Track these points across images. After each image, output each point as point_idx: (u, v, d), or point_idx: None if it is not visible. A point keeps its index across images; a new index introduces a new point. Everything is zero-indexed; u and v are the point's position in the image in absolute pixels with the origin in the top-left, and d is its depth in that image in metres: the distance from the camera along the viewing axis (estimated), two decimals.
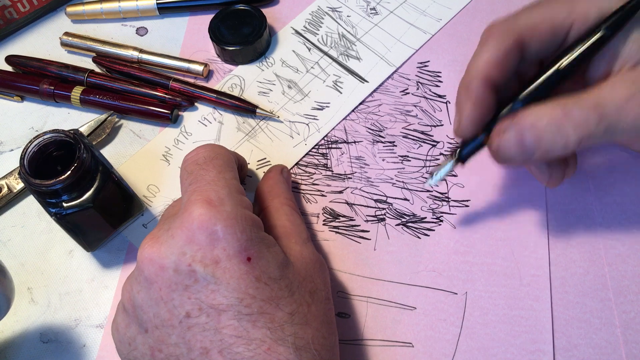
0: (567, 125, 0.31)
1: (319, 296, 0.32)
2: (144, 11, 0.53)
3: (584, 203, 0.41)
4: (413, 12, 0.52)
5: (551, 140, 0.32)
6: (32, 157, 0.37)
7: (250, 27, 0.50)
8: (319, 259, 0.34)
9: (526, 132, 0.32)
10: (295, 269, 0.32)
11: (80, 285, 0.41)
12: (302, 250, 0.33)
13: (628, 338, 0.36)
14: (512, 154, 0.33)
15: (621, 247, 0.39)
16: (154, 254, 0.30)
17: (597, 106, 0.31)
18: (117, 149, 0.47)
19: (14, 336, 0.40)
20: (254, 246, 0.30)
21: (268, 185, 0.39)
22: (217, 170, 0.33)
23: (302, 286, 0.31)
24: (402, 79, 0.48)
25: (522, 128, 0.32)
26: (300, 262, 0.32)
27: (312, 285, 0.32)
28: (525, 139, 0.32)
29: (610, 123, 0.31)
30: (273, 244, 0.31)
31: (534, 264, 0.39)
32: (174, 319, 0.29)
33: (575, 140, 0.31)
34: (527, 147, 0.32)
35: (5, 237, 0.44)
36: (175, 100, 0.48)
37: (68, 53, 0.53)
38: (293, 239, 0.34)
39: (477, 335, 0.37)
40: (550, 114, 0.31)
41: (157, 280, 0.29)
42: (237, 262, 0.29)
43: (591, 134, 0.31)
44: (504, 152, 0.33)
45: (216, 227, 0.29)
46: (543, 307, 0.38)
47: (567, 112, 0.31)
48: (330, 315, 0.33)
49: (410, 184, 0.43)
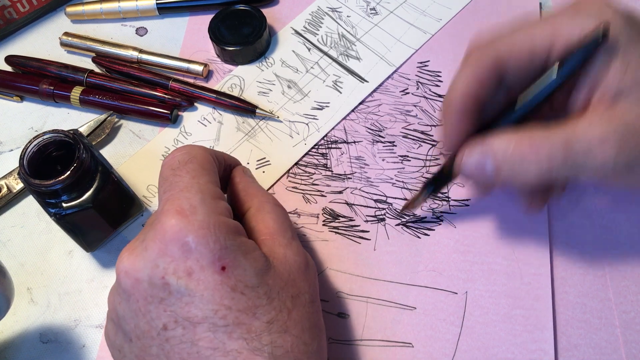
0: (531, 160, 0.31)
1: (301, 300, 0.31)
2: (144, 11, 0.53)
3: (584, 203, 0.41)
4: (413, 12, 0.52)
5: (511, 172, 0.31)
6: (31, 157, 0.37)
7: (250, 27, 0.50)
8: (304, 260, 0.33)
9: (488, 159, 0.32)
10: (276, 273, 0.30)
11: (80, 285, 0.41)
12: (285, 252, 0.32)
13: (628, 338, 0.36)
14: (473, 175, 0.33)
15: (621, 247, 0.39)
16: (129, 267, 0.30)
17: (566, 143, 0.30)
18: (117, 149, 0.47)
19: (14, 336, 0.40)
20: (229, 255, 0.29)
21: (239, 189, 0.36)
22: (190, 175, 0.31)
23: (283, 291, 0.30)
24: (402, 79, 0.48)
25: (486, 153, 0.32)
26: (283, 265, 0.31)
27: (294, 289, 0.31)
28: (486, 165, 0.32)
29: (576, 162, 0.30)
30: (252, 249, 0.30)
31: (535, 263, 0.39)
32: (152, 330, 0.29)
33: (536, 174, 0.31)
34: (486, 173, 0.32)
35: (5, 238, 0.44)
36: (175, 100, 0.48)
37: (68, 53, 0.53)
38: (277, 240, 0.33)
39: (478, 334, 0.37)
40: (517, 144, 0.31)
41: (134, 293, 0.29)
42: (210, 273, 0.28)
43: (553, 170, 0.30)
44: (465, 170, 0.34)
45: (188, 238, 0.28)
46: (544, 306, 0.38)
47: (533, 145, 0.31)
48: (314, 319, 0.31)
49: (410, 184, 0.43)
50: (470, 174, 0.34)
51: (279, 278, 0.30)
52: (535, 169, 0.31)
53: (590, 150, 0.30)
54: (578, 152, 0.30)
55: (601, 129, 0.30)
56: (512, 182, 0.32)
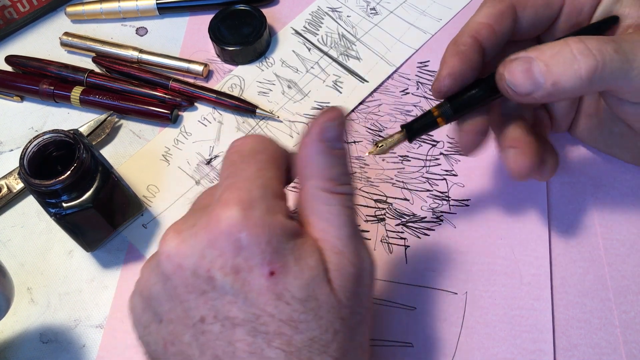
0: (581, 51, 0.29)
1: (351, 322, 0.28)
2: (144, 11, 0.53)
3: (584, 203, 0.41)
4: (413, 12, 0.52)
5: (562, 67, 0.29)
6: (31, 157, 0.37)
7: (250, 27, 0.50)
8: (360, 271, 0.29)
9: (534, 60, 0.30)
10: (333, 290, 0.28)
11: (80, 285, 0.41)
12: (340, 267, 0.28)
13: (628, 338, 0.36)
14: (519, 82, 0.31)
15: (621, 247, 0.39)
16: (173, 251, 0.28)
17: (613, 40, 0.30)
18: (117, 149, 0.47)
19: (14, 336, 0.40)
20: (280, 260, 0.27)
21: (300, 160, 0.30)
22: (257, 166, 0.29)
23: (333, 311, 0.27)
24: (402, 79, 0.48)
25: (530, 55, 0.31)
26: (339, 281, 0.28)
27: (347, 311, 0.28)
28: (533, 66, 0.30)
29: (627, 55, 0.29)
30: (307, 255, 0.28)
31: (535, 263, 0.39)
32: (188, 319, 0.28)
33: (589, 67, 0.29)
34: (535, 76, 0.30)
35: (5, 237, 0.44)
36: (175, 100, 0.48)
37: (68, 53, 0.53)
38: (330, 245, 0.29)
39: (477, 335, 0.37)
40: (562, 41, 0.30)
41: (174, 278, 0.28)
42: (258, 276, 0.27)
43: (606, 63, 0.29)
44: (509, 80, 0.31)
45: (241, 234, 0.26)
46: (544, 306, 0.38)
47: (582, 39, 0.29)
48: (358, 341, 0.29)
49: (410, 184, 0.43)
50: (516, 81, 0.31)
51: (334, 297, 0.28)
52: (587, 60, 0.29)
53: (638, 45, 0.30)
54: (626, 47, 0.29)
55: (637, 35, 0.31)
56: (562, 83, 0.30)
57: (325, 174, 0.29)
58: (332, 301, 0.27)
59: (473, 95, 0.33)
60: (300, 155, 0.30)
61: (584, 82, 0.29)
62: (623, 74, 0.30)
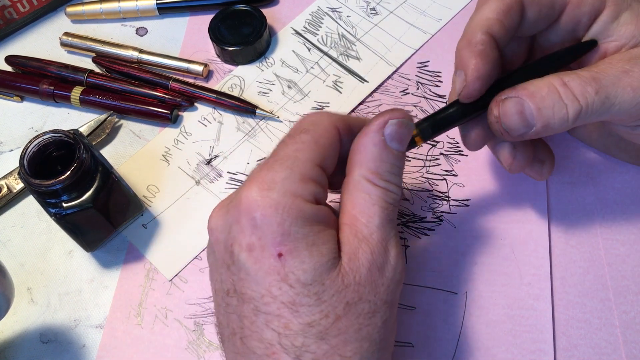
0: (566, 96, 0.31)
1: (357, 309, 0.28)
2: (144, 11, 0.53)
3: (584, 203, 0.41)
4: (413, 12, 0.52)
5: (551, 111, 0.31)
6: (31, 157, 0.37)
7: (250, 28, 0.50)
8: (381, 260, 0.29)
9: (526, 101, 0.32)
10: (339, 273, 0.28)
11: (80, 285, 0.41)
12: (360, 247, 0.29)
13: (628, 338, 0.36)
14: (513, 123, 0.32)
15: (621, 247, 0.39)
16: (213, 224, 0.30)
17: (594, 79, 0.31)
18: (117, 149, 0.47)
19: (14, 336, 0.40)
20: (290, 242, 0.27)
21: (354, 147, 0.31)
22: (296, 146, 0.29)
23: (338, 295, 0.28)
24: (402, 79, 0.48)
25: (522, 96, 0.32)
26: (351, 263, 0.28)
27: (354, 295, 0.28)
28: (525, 108, 0.32)
29: (608, 94, 0.31)
30: (321, 242, 0.28)
31: (535, 263, 0.39)
32: (221, 291, 0.30)
33: (574, 111, 0.31)
34: (527, 117, 0.32)
35: (5, 238, 0.44)
36: (175, 100, 0.48)
37: (68, 53, 0.53)
38: (357, 228, 0.29)
39: (477, 335, 0.37)
40: (549, 84, 0.32)
41: (215, 250, 0.30)
42: (267, 256, 0.27)
43: (589, 105, 0.31)
44: (505, 122, 0.32)
45: (256, 213, 0.28)
46: (544, 306, 0.38)
47: (565, 83, 0.31)
48: (368, 333, 0.28)
49: (410, 184, 0.43)
50: (510, 122, 0.32)
51: (340, 279, 0.28)
52: (572, 105, 0.31)
53: (620, 80, 0.31)
54: (607, 84, 0.31)
55: (622, 63, 0.31)
56: (551, 125, 0.32)
57: (373, 165, 0.30)
58: (337, 284, 0.28)
59: (451, 114, 0.34)
60: (356, 142, 0.31)
61: (570, 123, 0.32)
62: (604, 111, 0.31)
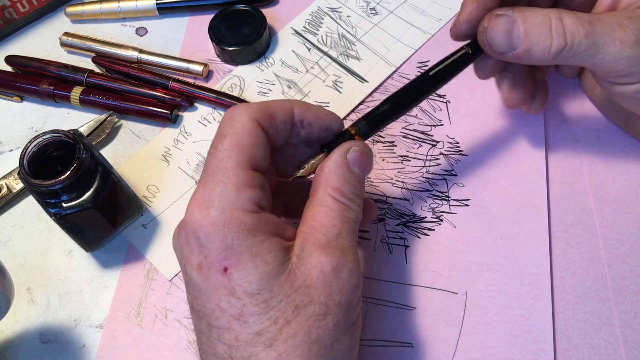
0: (556, 29, 0.33)
1: (307, 311, 0.28)
2: (144, 11, 0.53)
3: (584, 203, 0.41)
4: (413, 12, 0.52)
5: (536, 38, 0.33)
6: (31, 157, 0.37)
7: (250, 27, 0.50)
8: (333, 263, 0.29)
9: (517, 22, 0.33)
10: (288, 278, 0.28)
11: (80, 285, 0.41)
12: (313, 252, 0.29)
13: (628, 338, 0.36)
14: (498, 39, 0.34)
15: (621, 247, 0.39)
16: (173, 246, 0.31)
17: (590, 22, 0.33)
18: (117, 149, 0.47)
19: (14, 336, 0.40)
20: (234, 256, 0.28)
21: (322, 172, 0.32)
22: (220, 156, 0.30)
23: (287, 299, 0.28)
24: (402, 79, 0.48)
25: (516, 17, 0.33)
26: (302, 267, 0.29)
27: (303, 297, 0.28)
28: (514, 29, 0.33)
29: (596, 41, 0.32)
30: (265, 252, 0.28)
31: (535, 263, 0.39)
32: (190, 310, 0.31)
33: (557, 46, 0.33)
34: (512, 38, 0.34)
35: (5, 238, 0.44)
36: (175, 100, 0.48)
37: (68, 53, 0.53)
38: (314, 236, 0.30)
39: (477, 335, 0.37)
40: (545, 14, 0.33)
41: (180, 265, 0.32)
42: (214, 272, 0.28)
43: (574, 46, 0.33)
44: (490, 35, 0.34)
45: (200, 233, 0.29)
46: (544, 306, 0.38)
47: (561, 17, 0.33)
48: (316, 335, 0.28)
49: (410, 184, 0.43)
50: (496, 38, 0.34)
51: (288, 284, 0.28)
52: (558, 39, 0.33)
53: (611, 31, 0.32)
54: (599, 32, 0.32)
55: (622, 18, 0.33)
56: (532, 52, 0.33)
57: (337, 184, 0.31)
58: (286, 289, 0.28)
59: (385, 111, 0.35)
60: (321, 165, 0.32)
61: (550, 57, 0.33)
62: (588, 57, 0.33)
